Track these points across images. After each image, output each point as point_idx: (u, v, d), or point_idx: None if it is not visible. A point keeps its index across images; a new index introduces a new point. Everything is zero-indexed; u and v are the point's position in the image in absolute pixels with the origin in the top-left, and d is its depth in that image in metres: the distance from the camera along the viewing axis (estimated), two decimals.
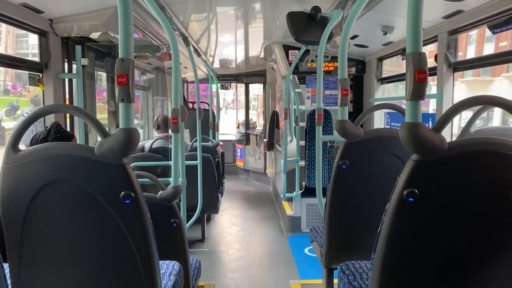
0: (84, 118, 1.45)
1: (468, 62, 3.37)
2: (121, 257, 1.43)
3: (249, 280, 3.89)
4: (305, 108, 5.64)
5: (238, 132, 9.90)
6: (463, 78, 9.20)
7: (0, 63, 2.76)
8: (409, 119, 1.20)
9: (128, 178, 1.36)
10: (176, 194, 2.17)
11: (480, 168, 1.22)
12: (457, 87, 3.40)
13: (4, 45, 4.05)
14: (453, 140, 1.27)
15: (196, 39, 5.34)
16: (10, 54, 3.12)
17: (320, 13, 2.84)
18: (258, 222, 5.84)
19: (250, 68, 8.97)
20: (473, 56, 3.92)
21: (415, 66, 1.17)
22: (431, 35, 3.50)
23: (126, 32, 1.33)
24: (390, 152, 2.17)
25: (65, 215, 1.41)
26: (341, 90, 2.25)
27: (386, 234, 1.28)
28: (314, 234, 2.81)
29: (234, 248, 4.80)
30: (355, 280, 1.89)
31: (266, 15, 4.53)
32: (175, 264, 2.06)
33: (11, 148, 1.40)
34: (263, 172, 8.57)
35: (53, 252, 1.44)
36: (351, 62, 5.64)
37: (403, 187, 1.22)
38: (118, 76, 1.31)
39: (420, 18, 1.18)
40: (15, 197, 1.38)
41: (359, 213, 2.27)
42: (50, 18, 2.96)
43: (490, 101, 1.45)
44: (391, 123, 4.98)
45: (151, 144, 4.86)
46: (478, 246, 1.27)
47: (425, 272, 1.30)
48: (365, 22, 3.75)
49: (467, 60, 3.41)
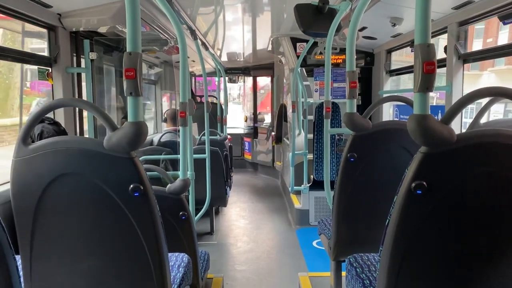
0: (92, 112, 1.46)
1: (478, 54, 3.32)
2: (131, 250, 1.44)
3: (258, 273, 3.91)
4: (313, 101, 5.62)
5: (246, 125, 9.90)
6: (493, 67, 8.98)
7: (10, 58, 2.78)
8: (417, 111, 1.19)
9: (137, 171, 1.37)
10: (185, 187, 2.19)
11: (489, 160, 1.21)
12: (485, 77, 3.36)
13: None
14: (461, 132, 1.26)
15: (204, 33, 5.34)
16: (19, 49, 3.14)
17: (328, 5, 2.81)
18: (266, 215, 5.85)
19: (258, 61, 8.95)
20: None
21: (424, 58, 1.16)
22: (441, 26, 3.46)
23: (133, 26, 1.33)
24: (398, 145, 2.16)
25: (75, 208, 1.43)
26: (349, 83, 2.24)
27: (394, 227, 1.28)
28: (322, 226, 2.81)
29: (242, 241, 4.82)
30: (363, 273, 1.89)
31: (274, 7, 4.51)
32: (184, 256, 2.08)
33: (21, 142, 1.41)
34: (271, 166, 8.57)
35: (64, 245, 1.46)
36: (360, 54, 5.58)
37: (411, 179, 1.22)
38: (126, 70, 1.32)
39: (428, 9, 1.16)
40: (26, 190, 1.40)
41: (367, 205, 2.26)
42: (58, 12, 2.97)
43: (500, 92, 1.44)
44: (400, 116, 4.95)
45: (159, 137, 4.89)
46: (487, 238, 1.26)
47: (433, 264, 1.30)
48: (374, 13, 3.72)
49: (477, 51, 3.37)
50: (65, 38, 3.10)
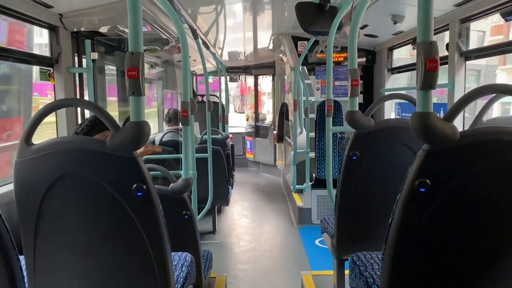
0: (95, 112, 1.46)
1: (480, 51, 3.32)
2: (134, 249, 1.44)
3: (260, 271, 3.91)
4: (314, 99, 5.61)
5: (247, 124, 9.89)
6: (504, 65, 8.84)
7: (12, 58, 2.78)
8: (420, 109, 1.19)
9: (140, 171, 1.37)
10: (187, 187, 2.19)
11: (492, 158, 1.20)
12: (499, 78, 3.33)
13: None
14: (464, 130, 1.25)
15: (205, 32, 5.33)
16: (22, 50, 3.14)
17: (329, 3, 2.80)
18: (269, 214, 5.86)
19: (259, 60, 8.94)
20: None
21: (426, 55, 1.16)
22: (443, 24, 3.45)
23: (135, 26, 1.33)
24: (401, 143, 2.15)
25: (78, 208, 1.43)
26: (351, 81, 2.23)
27: (397, 225, 1.27)
28: (324, 225, 2.81)
29: (245, 240, 4.83)
30: (367, 271, 1.89)
31: (275, 6, 4.50)
32: (187, 256, 2.08)
33: (24, 142, 1.42)
34: (273, 164, 8.57)
35: (67, 245, 1.46)
36: (361, 52, 5.57)
37: (414, 177, 1.21)
38: (128, 70, 1.32)
39: (430, 6, 1.16)
40: (29, 190, 1.40)
41: (370, 203, 2.26)
42: (59, 12, 2.97)
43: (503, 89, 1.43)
44: (402, 114, 4.94)
45: (161, 137, 4.89)
46: (490, 235, 1.26)
47: (436, 262, 1.29)
48: (375, 11, 3.71)
49: (479, 48, 3.36)
50: (67, 38, 3.11)
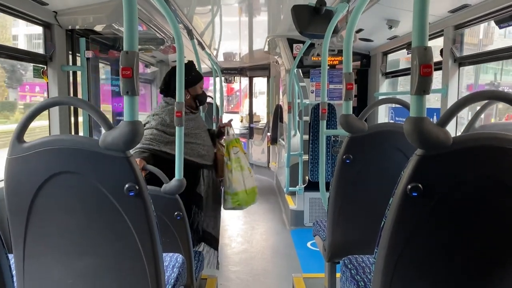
0: (88, 110, 1.45)
1: (474, 57, 3.34)
2: (125, 249, 1.43)
3: (252, 273, 3.91)
4: (309, 102, 5.62)
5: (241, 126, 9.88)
6: None
7: (5, 55, 2.76)
8: (414, 114, 1.19)
9: (132, 171, 1.36)
10: (180, 187, 2.18)
11: (484, 163, 1.21)
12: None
13: None
14: (457, 135, 1.26)
15: (200, 32, 5.33)
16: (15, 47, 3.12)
17: (325, 6, 2.81)
18: (261, 216, 5.85)
19: (254, 61, 8.96)
20: None
21: (421, 60, 1.16)
22: (437, 30, 3.47)
23: (130, 25, 1.33)
24: (394, 147, 2.16)
25: (69, 207, 1.42)
26: (346, 84, 2.24)
27: (389, 229, 1.28)
28: (317, 228, 2.81)
29: (236, 242, 4.82)
30: (358, 274, 1.89)
31: (271, 8, 4.51)
32: (178, 257, 2.07)
33: (16, 140, 1.40)
34: (266, 166, 8.57)
35: (58, 244, 1.45)
36: (356, 56, 5.60)
37: (407, 181, 1.22)
38: (122, 69, 1.31)
39: (426, 12, 1.17)
40: (20, 188, 1.39)
41: (362, 207, 2.27)
42: (54, 10, 2.95)
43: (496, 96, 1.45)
44: (395, 118, 4.96)
45: None
46: (482, 241, 1.26)
47: (428, 267, 1.30)
48: (370, 15, 3.73)
49: (473, 54, 3.39)
50: (61, 36, 3.09)
